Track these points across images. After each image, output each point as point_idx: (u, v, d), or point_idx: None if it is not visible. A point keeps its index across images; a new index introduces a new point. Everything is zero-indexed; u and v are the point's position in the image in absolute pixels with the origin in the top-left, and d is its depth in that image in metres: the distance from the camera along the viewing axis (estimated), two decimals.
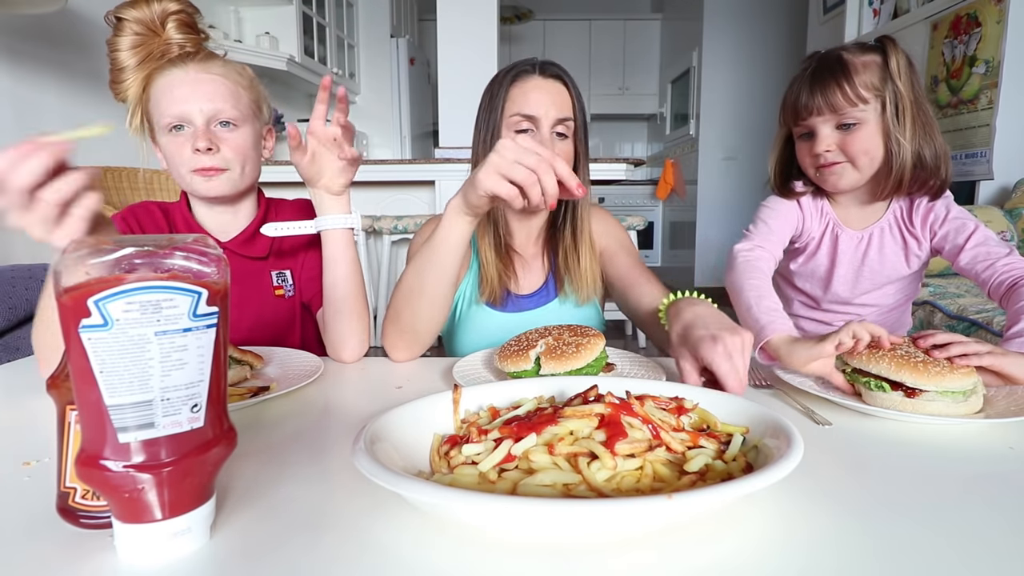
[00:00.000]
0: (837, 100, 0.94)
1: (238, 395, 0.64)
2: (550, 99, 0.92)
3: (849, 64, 0.94)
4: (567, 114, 0.93)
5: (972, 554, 0.36)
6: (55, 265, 0.32)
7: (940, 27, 2.73)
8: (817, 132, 0.98)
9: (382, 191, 3.17)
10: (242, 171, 0.89)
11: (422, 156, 5.12)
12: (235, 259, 0.95)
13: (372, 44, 4.78)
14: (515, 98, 0.92)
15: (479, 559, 0.35)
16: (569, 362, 0.69)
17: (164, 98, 0.84)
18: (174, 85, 0.84)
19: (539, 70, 0.94)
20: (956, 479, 0.47)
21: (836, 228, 1.08)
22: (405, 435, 0.45)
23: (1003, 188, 2.51)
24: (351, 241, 0.87)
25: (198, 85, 0.85)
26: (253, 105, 0.91)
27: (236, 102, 0.88)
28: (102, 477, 0.33)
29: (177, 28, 0.86)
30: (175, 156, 0.86)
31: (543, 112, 0.91)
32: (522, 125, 0.92)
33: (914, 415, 0.59)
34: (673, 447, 0.42)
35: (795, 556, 0.35)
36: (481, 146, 0.97)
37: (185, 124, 0.85)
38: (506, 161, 0.65)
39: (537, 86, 0.92)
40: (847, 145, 0.96)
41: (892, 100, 0.95)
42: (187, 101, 0.84)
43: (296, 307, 1.00)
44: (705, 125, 4.95)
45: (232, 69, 0.89)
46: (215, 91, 0.86)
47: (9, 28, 2.03)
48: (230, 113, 0.86)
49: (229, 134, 0.87)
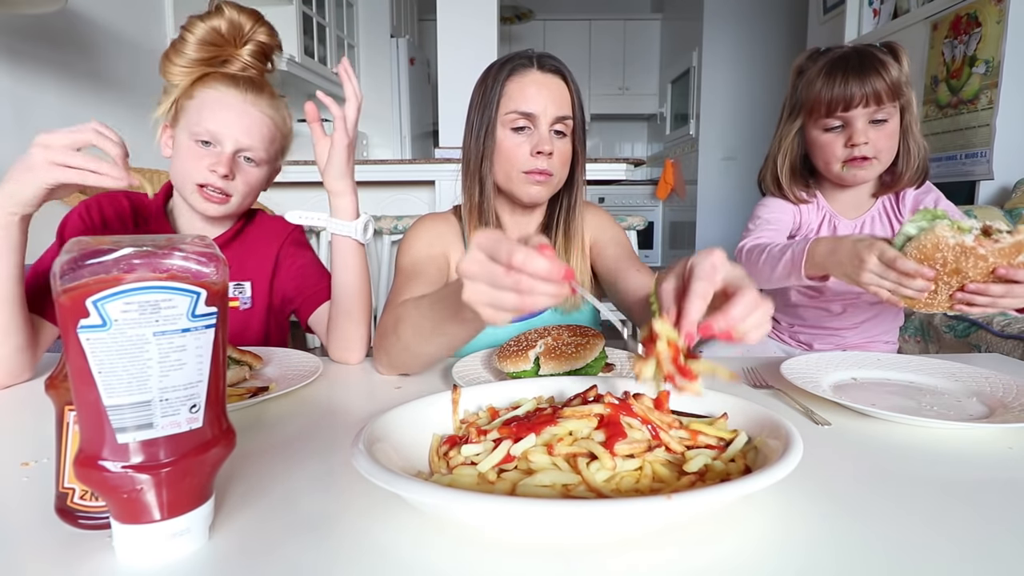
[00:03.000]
0: (879, 91, 0.95)
1: (237, 395, 0.64)
2: (549, 95, 0.87)
3: (883, 59, 0.97)
4: (566, 111, 0.89)
5: (972, 554, 0.36)
6: (55, 265, 0.32)
7: (940, 27, 2.72)
8: (853, 124, 0.99)
9: (382, 191, 3.17)
10: (242, 202, 0.91)
11: (422, 156, 5.12)
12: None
13: (372, 44, 4.78)
14: (512, 94, 0.88)
15: (478, 559, 0.35)
16: (568, 362, 0.69)
17: (207, 110, 0.85)
18: (224, 104, 0.85)
19: (537, 63, 0.88)
20: (956, 479, 0.47)
21: (834, 219, 1.11)
22: (404, 435, 0.45)
23: (1003, 188, 2.51)
24: (360, 251, 0.87)
25: (244, 116, 0.86)
26: (280, 148, 0.94)
27: (269, 145, 0.90)
28: (101, 478, 0.33)
29: (252, 53, 0.88)
30: (188, 162, 0.86)
31: (541, 109, 0.87)
32: (519, 123, 0.88)
33: (914, 416, 0.59)
34: (672, 447, 0.42)
35: (794, 556, 0.35)
36: (474, 144, 0.92)
37: (214, 143, 0.86)
38: (481, 289, 0.46)
39: (535, 81, 0.88)
40: (878, 140, 0.99)
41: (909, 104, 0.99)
42: (228, 125, 0.85)
43: (254, 319, 0.99)
44: (705, 125, 4.95)
45: (280, 112, 0.92)
46: (256, 128, 0.87)
47: (9, 28, 2.03)
48: (259, 154, 0.89)
49: (249, 169, 0.90)
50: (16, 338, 0.72)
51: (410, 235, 0.96)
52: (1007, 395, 0.65)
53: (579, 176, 0.96)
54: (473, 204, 0.93)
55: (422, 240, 0.95)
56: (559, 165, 0.90)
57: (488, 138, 0.90)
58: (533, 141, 0.88)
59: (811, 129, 1.05)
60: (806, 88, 1.03)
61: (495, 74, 0.90)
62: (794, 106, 1.07)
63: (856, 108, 0.97)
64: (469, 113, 0.94)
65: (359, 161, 3.14)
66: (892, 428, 0.58)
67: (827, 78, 0.99)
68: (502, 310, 0.46)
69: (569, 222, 0.97)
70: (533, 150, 0.87)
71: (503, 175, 0.91)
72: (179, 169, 0.87)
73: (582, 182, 0.97)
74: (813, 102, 1.01)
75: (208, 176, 0.85)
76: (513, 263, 0.43)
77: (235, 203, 0.90)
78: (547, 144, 0.87)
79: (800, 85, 1.05)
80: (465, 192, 0.95)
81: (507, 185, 0.92)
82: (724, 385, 0.73)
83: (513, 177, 0.90)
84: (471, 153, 0.93)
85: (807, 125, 1.05)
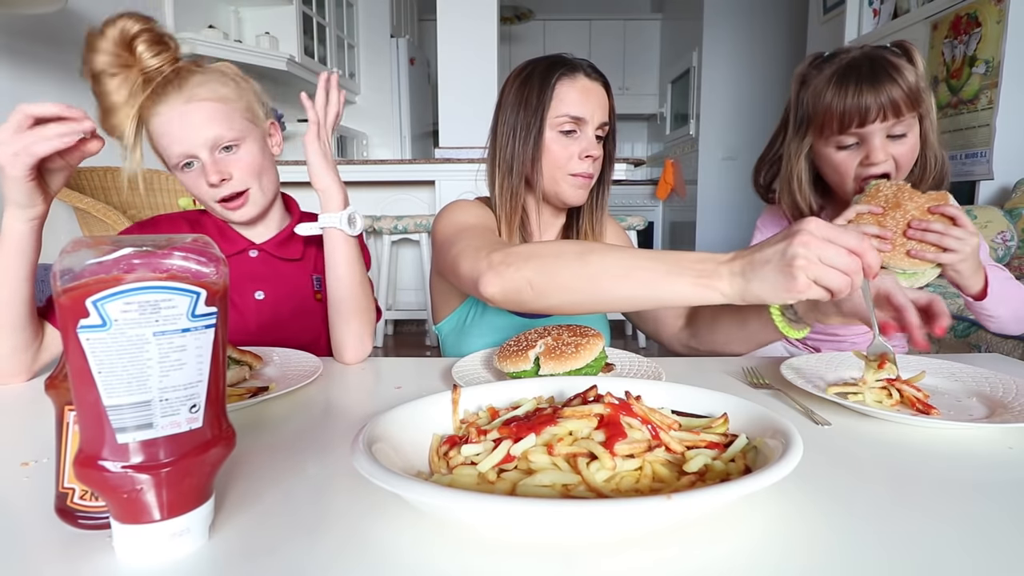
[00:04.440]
0: (897, 101, 0.87)
1: (237, 395, 0.64)
2: (597, 101, 0.91)
3: (897, 63, 0.88)
4: (607, 118, 0.93)
5: (972, 553, 0.36)
6: (55, 265, 0.32)
7: (940, 27, 2.72)
8: (870, 141, 0.90)
9: (382, 191, 3.18)
10: (260, 185, 0.90)
11: (422, 156, 5.12)
12: (270, 260, 0.95)
13: (372, 44, 4.78)
14: (563, 97, 0.89)
15: (478, 559, 0.35)
16: (568, 362, 0.69)
17: (163, 139, 0.84)
18: (166, 124, 0.83)
19: (585, 71, 0.92)
20: (956, 479, 0.47)
21: None
22: (404, 435, 0.45)
23: (1003, 188, 2.51)
24: (347, 242, 0.86)
25: (187, 117, 0.82)
26: (248, 113, 0.88)
27: (230, 122, 0.85)
28: (100, 478, 0.33)
29: (147, 48, 0.80)
30: (195, 190, 0.87)
31: (590, 114, 0.90)
32: (566, 127, 0.90)
33: (914, 416, 0.59)
34: (672, 447, 0.42)
35: (794, 556, 0.35)
36: (521, 146, 0.91)
37: (192, 160, 0.85)
38: (816, 265, 0.52)
39: (586, 87, 0.91)
40: (898, 156, 0.91)
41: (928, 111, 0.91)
42: (184, 139, 0.83)
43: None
44: (705, 125, 4.95)
45: (214, 84, 0.85)
46: (205, 118, 0.83)
47: (9, 28, 2.03)
48: (228, 136, 0.85)
49: (235, 156, 0.86)
50: (13, 339, 0.72)
51: (463, 206, 0.94)
52: (1007, 395, 0.65)
53: (607, 177, 1.00)
54: (505, 201, 0.95)
55: (476, 212, 0.94)
56: (599, 168, 0.95)
57: (538, 140, 0.91)
58: (581, 145, 0.91)
59: (822, 147, 0.95)
60: (813, 100, 0.93)
61: (541, 76, 0.91)
62: (800, 120, 0.97)
63: (873, 123, 0.88)
64: (503, 112, 0.94)
65: (360, 161, 3.15)
66: (892, 428, 0.58)
67: (837, 89, 0.89)
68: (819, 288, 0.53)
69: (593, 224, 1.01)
70: (582, 154, 0.91)
71: (548, 177, 0.93)
72: (195, 196, 0.89)
73: (609, 181, 1.01)
74: (823, 117, 0.91)
75: (214, 192, 0.86)
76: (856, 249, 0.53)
77: (255, 191, 0.89)
78: (595, 148, 0.91)
79: (805, 97, 0.95)
80: (499, 189, 0.95)
81: (552, 187, 0.94)
82: (724, 385, 0.73)
83: (559, 179, 0.92)
84: (514, 153, 0.92)
85: (817, 143, 0.96)
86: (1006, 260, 2.21)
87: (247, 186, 0.88)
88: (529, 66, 0.94)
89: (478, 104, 3.16)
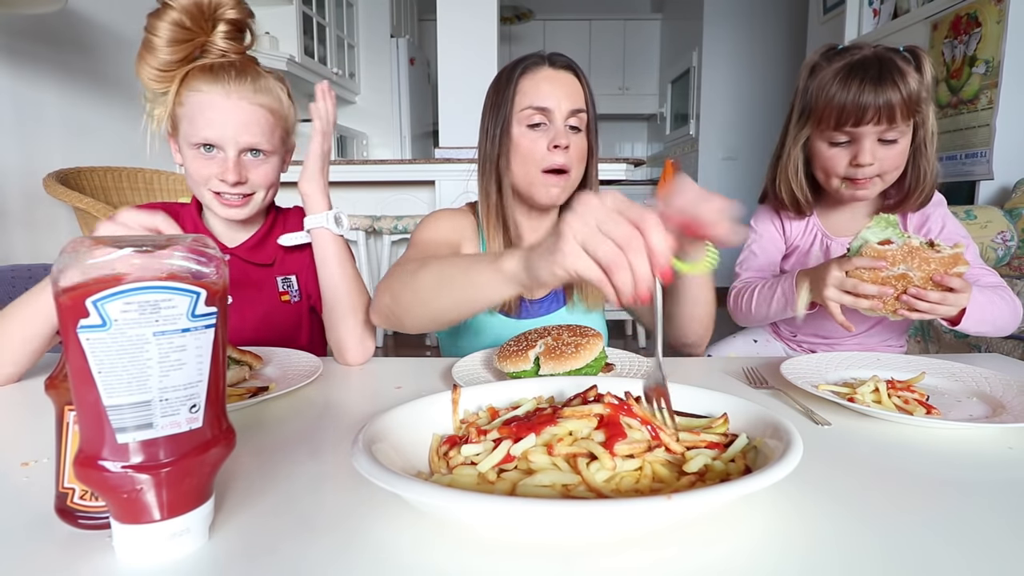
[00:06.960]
0: (894, 105, 0.88)
1: (237, 395, 0.64)
2: (563, 90, 0.88)
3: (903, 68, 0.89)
4: (580, 105, 0.90)
5: (972, 554, 0.36)
6: (55, 265, 0.32)
7: (940, 27, 2.72)
8: (861, 142, 0.92)
9: (382, 191, 3.17)
10: (264, 196, 0.90)
11: (422, 156, 5.11)
12: (241, 265, 0.94)
13: (372, 44, 4.78)
14: (526, 90, 0.89)
15: (478, 559, 0.35)
16: (568, 362, 0.69)
17: (200, 116, 0.82)
18: (212, 105, 0.81)
19: (548, 61, 0.90)
20: (955, 479, 0.47)
21: (826, 239, 1.07)
22: (404, 435, 0.45)
23: (1003, 188, 2.51)
24: (336, 241, 0.86)
25: (238, 113, 0.82)
26: (284, 134, 0.91)
27: (270, 135, 0.86)
28: (100, 478, 0.33)
29: (225, 34, 0.82)
30: (197, 173, 0.85)
31: (556, 103, 0.88)
32: (535, 119, 0.88)
33: (914, 416, 0.59)
34: (672, 448, 0.42)
35: (794, 556, 0.35)
36: (489, 143, 0.92)
37: (216, 147, 0.84)
38: (589, 228, 0.47)
39: (548, 77, 0.89)
40: (884, 160, 0.93)
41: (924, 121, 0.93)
42: (224, 127, 0.82)
43: (303, 311, 1.00)
44: (705, 125, 4.95)
45: (272, 92, 0.86)
46: (251, 121, 0.84)
47: (9, 28, 2.03)
48: (263, 146, 0.86)
49: (259, 164, 0.87)
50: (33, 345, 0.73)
51: (429, 220, 0.97)
52: (1007, 395, 0.65)
53: (593, 173, 0.96)
54: (490, 204, 0.94)
55: (442, 226, 0.95)
56: (576, 160, 0.91)
57: (504, 137, 0.90)
58: (549, 136, 0.88)
59: (816, 139, 0.98)
60: (818, 91, 0.95)
61: (508, 74, 0.91)
62: (803, 108, 1.00)
63: (867, 124, 0.90)
64: (483, 117, 0.95)
65: (360, 161, 3.15)
66: (892, 428, 0.58)
67: (841, 84, 0.91)
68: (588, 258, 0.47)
69: None
70: (550, 144, 0.88)
71: (522, 176, 0.91)
72: (192, 179, 0.87)
73: (596, 179, 0.97)
74: (823, 110, 0.94)
75: (219, 185, 0.85)
76: (639, 223, 0.45)
77: (259, 200, 0.89)
78: (563, 138, 0.88)
79: (812, 86, 0.97)
80: (481, 193, 0.95)
81: (526, 188, 0.92)
82: (724, 385, 0.73)
83: (532, 178, 0.90)
84: (487, 153, 0.93)
85: (813, 134, 0.99)
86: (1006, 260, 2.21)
87: (254, 191, 0.88)
88: (502, 69, 0.94)
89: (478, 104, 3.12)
